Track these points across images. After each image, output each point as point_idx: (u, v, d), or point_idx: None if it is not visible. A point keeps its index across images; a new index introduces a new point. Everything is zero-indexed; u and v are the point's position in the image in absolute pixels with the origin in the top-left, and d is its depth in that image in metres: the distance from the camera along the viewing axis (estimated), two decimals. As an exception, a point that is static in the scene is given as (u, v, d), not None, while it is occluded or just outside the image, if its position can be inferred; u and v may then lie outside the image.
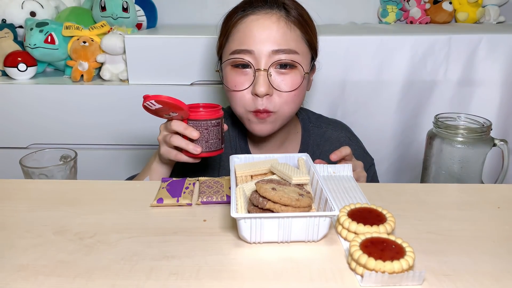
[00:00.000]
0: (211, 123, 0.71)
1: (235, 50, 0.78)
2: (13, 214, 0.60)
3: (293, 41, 0.77)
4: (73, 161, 0.78)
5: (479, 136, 0.79)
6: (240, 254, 0.50)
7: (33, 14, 1.38)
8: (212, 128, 0.71)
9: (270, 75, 0.77)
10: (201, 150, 0.71)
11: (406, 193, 0.67)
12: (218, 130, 0.73)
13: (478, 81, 1.20)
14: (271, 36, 0.75)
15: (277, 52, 0.76)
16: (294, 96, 0.79)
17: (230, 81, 0.79)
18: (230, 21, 0.80)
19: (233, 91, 0.79)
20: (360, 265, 0.46)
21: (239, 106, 0.80)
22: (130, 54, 1.22)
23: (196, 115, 0.71)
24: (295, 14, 0.78)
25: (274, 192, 0.51)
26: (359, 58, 1.19)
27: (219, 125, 0.72)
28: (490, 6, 1.53)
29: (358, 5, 1.60)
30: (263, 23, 0.76)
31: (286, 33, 0.76)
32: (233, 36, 0.79)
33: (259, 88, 0.75)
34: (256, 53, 0.76)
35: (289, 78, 0.77)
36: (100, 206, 0.62)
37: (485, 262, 0.49)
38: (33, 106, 1.25)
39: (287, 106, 0.79)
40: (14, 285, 0.45)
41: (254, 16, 0.77)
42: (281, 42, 0.76)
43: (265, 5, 0.78)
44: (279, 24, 0.76)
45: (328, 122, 0.96)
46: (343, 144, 0.87)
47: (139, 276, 0.47)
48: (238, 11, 0.79)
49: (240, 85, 0.78)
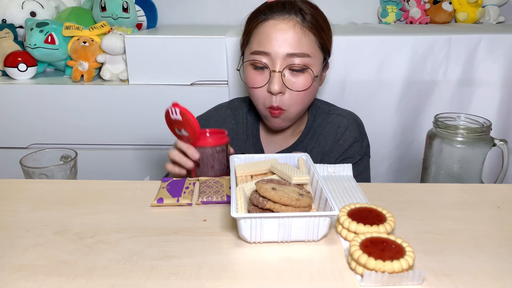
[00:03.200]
0: (216, 149, 0.73)
1: (254, 51, 0.85)
2: (13, 214, 0.60)
3: (307, 45, 0.84)
4: (73, 161, 0.78)
5: (479, 136, 0.79)
6: (240, 254, 0.51)
7: (33, 14, 1.38)
8: (216, 154, 0.73)
9: (284, 76, 0.84)
10: (193, 166, 0.75)
11: (406, 193, 0.67)
12: (223, 156, 0.74)
13: (478, 81, 1.20)
14: (287, 41, 0.83)
15: (291, 55, 0.83)
16: (304, 95, 0.86)
17: (250, 79, 0.88)
18: (252, 23, 0.88)
19: (252, 88, 0.88)
20: (360, 265, 0.46)
21: (259, 103, 0.89)
22: (130, 54, 1.22)
23: (202, 141, 0.73)
24: (310, 19, 0.85)
25: (274, 192, 0.52)
26: (359, 58, 1.19)
27: (224, 151, 0.74)
28: (490, 6, 1.53)
29: (358, 5, 1.60)
30: (280, 28, 0.83)
31: (301, 38, 0.83)
32: (254, 37, 0.87)
33: (274, 86, 0.83)
34: (273, 55, 0.83)
35: (301, 79, 0.85)
36: (100, 206, 0.62)
37: (485, 262, 0.49)
38: (33, 106, 1.25)
39: (297, 104, 0.87)
40: (14, 285, 0.45)
41: (273, 21, 0.84)
42: (295, 46, 0.83)
43: (283, 11, 0.84)
44: (295, 29, 0.83)
45: (337, 109, 1.00)
46: (340, 128, 0.94)
47: (139, 276, 0.47)
48: (259, 13, 0.87)
49: (258, 83, 0.86)
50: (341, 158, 0.93)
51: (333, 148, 0.93)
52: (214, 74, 1.23)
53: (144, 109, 1.25)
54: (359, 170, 0.93)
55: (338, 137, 0.93)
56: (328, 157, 0.93)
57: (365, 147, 0.96)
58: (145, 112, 1.25)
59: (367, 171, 0.97)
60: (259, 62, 0.85)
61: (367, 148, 0.97)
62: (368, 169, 0.97)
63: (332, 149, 0.93)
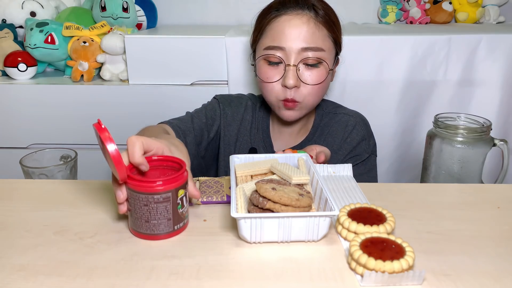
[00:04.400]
0: (154, 198, 0.51)
1: (268, 46, 0.86)
2: (13, 214, 0.60)
3: (320, 40, 0.85)
4: (73, 161, 0.78)
5: (479, 136, 0.79)
6: (240, 254, 0.50)
7: (33, 14, 1.38)
8: (155, 204, 0.51)
9: (299, 70, 0.85)
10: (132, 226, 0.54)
11: (406, 193, 0.67)
12: (167, 208, 0.52)
13: (478, 81, 1.20)
14: (301, 35, 0.84)
15: (305, 50, 0.84)
16: (319, 88, 0.87)
17: (263, 73, 0.88)
18: (265, 19, 0.88)
19: (265, 82, 0.88)
20: (360, 265, 0.46)
21: (271, 96, 0.89)
22: (130, 54, 1.22)
23: (132, 182, 0.51)
24: (323, 14, 0.86)
25: (274, 192, 0.51)
26: (359, 58, 1.19)
27: (169, 201, 0.52)
28: (490, 6, 1.53)
29: (358, 5, 1.60)
30: (294, 23, 0.84)
31: (315, 33, 0.84)
32: (266, 33, 0.87)
33: (289, 81, 0.84)
34: (287, 49, 0.84)
35: (316, 73, 0.86)
36: (100, 206, 0.62)
37: (485, 262, 0.49)
38: (33, 106, 1.25)
39: (311, 97, 0.88)
40: (14, 285, 0.45)
41: (287, 16, 0.85)
42: (309, 40, 0.84)
43: (296, 6, 0.86)
44: (308, 24, 0.84)
45: (344, 109, 1.01)
46: (348, 127, 0.94)
47: (139, 276, 0.47)
48: (272, 10, 0.88)
49: (272, 78, 0.87)
50: (349, 156, 0.93)
51: (341, 147, 0.94)
52: (214, 74, 1.23)
53: (144, 109, 1.25)
54: (367, 168, 0.94)
55: (346, 136, 0.94)
56: (336, 155, 0.93)
57: (372, 145, 0.97)
58: (145, 112, 1.25)
59: (374, 170, 0.98)
60: (274, 57, 0.85)
61: (374, 146, 0.98)
62: (375, 168, 0.98)
63: (340, 148, 0.94)
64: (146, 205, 0.51)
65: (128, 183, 0.52)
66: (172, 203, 0.52)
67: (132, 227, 0.54)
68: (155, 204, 0.51)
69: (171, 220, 0.53)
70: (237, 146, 0.98)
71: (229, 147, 0.97)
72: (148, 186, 0.51)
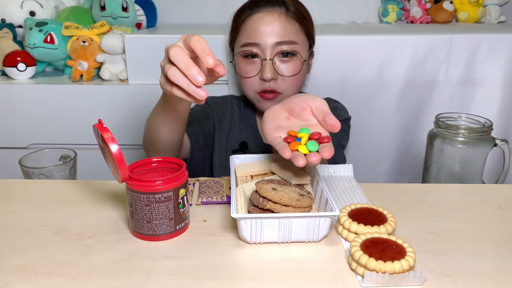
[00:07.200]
0: (156, 197, 0.51)
1: (244, 43, 0.91)
2: (12, 214, 0.60)
3: (293, 33, 0.91)
4: (72, 161, 0.78)
5: (480, 136, 0.79)
6: (240, 254, 0.50)
7: (32, 13, 1.38)
8: (156, 204, 0.52)
9: (275, 63, 0.90)
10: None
11: (407, 193, 0.66)
12: (168, 207, 0.52)
13: (479, 81, 1.20)
14: (274, 30, 0.89)
15: (279, 44, 0.89)
16: (295, 79, 0.93)
17: (242, 69, 0.93)
18: (239, 18, 0.94)
19: (244, 78, 0.93)
20: (361, 266, 0.46)
21: (249, 90, 0.94)
22: (129, 53, 1.22)
23: (133, 182, 0.52)
24: (294, 9, 0.91)
25: (274, 192, 0.51)
26: (359, 58, 1.19)
27: (170, 200, 0.52)
28: (491, 5, 1.53)
29: (359, 5, 1.60)
30: (267, 20, 0.90)
31: (287, 27, 0.90)
32: (242, 31, 0.93)
33: (266, 74, 0.89)
34: (262, 45, 0.89)
35: (291, 65, 0.91)
36: (100, 206, 0.62)
37: (486, 262, 0.49)
38: (32, 106, 1.25)
39: (290, 88, 0.93)
40: (14, 285, 0.45)
41: (259, 14, 0.91)
42: (282, 34, 0.89)
43: (267, 4, 0.91)
44: (280, 19, 0.90)
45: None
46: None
47: (139, 276, 0.46)
48: (245, 9, 0.93)
49: (250, 72, 0.92)
50: None
51: None
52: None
53: (143, 109, 1.24)
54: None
55: None
56: None
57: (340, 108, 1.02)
58: (145, 112, 1.24)
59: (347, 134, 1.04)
60: (250, 52, 0.91)
61: (343, 109, 1.03)
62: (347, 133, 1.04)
63: None
64: (148, 205, 0.52)
65: (129, 183, 0.52)
66: (173, 202, 0.53)
67: (133, 229, 0.54)
68: (156, 204, 0.52)
69: (173, 220, 0.53)
70: (229, 141, 1.00)
71: (221, 142, 1.00)
72: (148, 186, 0.51)
